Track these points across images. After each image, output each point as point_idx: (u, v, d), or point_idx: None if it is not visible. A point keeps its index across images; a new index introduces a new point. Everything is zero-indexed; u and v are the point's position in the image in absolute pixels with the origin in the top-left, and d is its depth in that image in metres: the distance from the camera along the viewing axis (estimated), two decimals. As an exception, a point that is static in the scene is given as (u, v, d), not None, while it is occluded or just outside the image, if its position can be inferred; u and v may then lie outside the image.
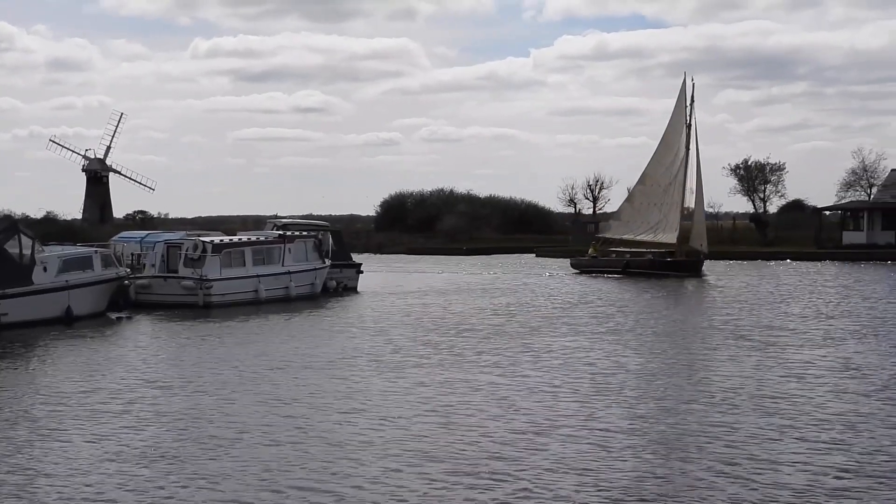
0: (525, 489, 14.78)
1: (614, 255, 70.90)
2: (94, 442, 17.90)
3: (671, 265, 66.64)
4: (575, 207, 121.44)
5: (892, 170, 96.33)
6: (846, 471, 15.60)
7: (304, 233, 52.37)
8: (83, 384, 23.99)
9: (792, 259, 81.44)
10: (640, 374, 24.93)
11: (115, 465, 16.24)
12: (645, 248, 70.75)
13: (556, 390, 22.65)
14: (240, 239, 49.30)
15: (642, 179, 72.61)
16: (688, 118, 70.40)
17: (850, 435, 17.95)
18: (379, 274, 66.46)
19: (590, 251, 73.75)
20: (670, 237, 69.83)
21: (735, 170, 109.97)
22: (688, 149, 69.91)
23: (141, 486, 15.12)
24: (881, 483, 14.98)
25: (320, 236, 52.57)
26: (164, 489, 14.95)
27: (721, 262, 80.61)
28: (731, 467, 15.81)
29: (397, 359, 27.90)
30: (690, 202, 70.08)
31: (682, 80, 71.34)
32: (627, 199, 74.93)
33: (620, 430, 18.46)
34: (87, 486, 15.15)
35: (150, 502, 14.35)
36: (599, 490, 14.70)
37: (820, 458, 16.38)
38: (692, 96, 70.53)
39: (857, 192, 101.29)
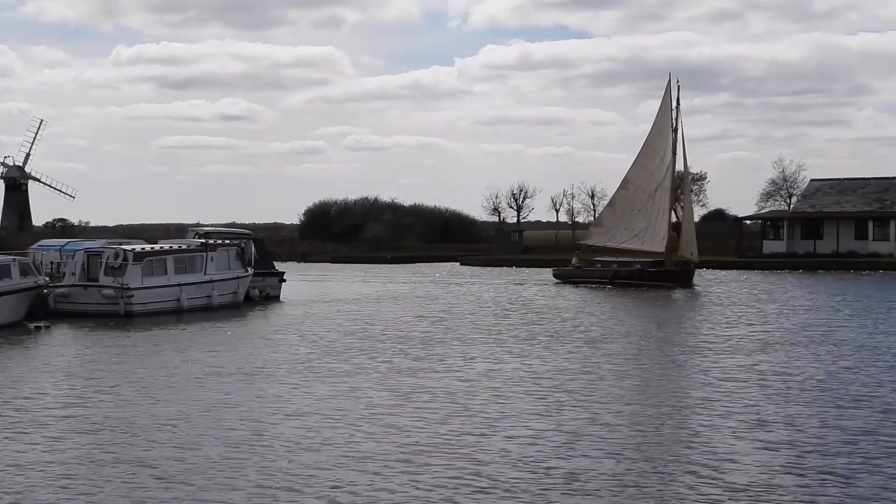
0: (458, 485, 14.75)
1: (600, 265, 68.14)
2: (9, 453, 17.55)
3: (661, 275, 63.94)
4: (499, 216, 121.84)
5: (812, 180, 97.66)
6: (782, 468, 15.74)
7: (227, 241, 51.96)
8: (-1, 395, 23.58)
9: (714, 268, 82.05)
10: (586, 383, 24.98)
11: (25, 478, 15.93)
12: (631, 258, 67.86)
13: (488, 397, 22.62)
14: (161, 247, 48.71)
15: (624, 184, 70.09)
16: (674, 122, 67.93)
17: (784, 435, 18.11)
18: (302, 283, 66.09)
19: (573, 260, 70.72)
20: (658, 245, 66.96)
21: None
22: (674, 153, 67.53)
23: (60, 496, 14.84)
24: (816, 480, 15.11)
25: (243, 244, 52.22)
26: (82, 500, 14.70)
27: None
28: (673, 465, 15.89)
29: (316, 367, 27.70)
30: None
31: (665, 83, 69.02)
32: (609, 205, 72.33)
33: (547, 434, 18.45)
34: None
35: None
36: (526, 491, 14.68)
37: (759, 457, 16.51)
38: (678, 99, 68.40)
39: (778, 202, 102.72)
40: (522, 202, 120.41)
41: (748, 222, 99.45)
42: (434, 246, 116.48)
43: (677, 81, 69.08)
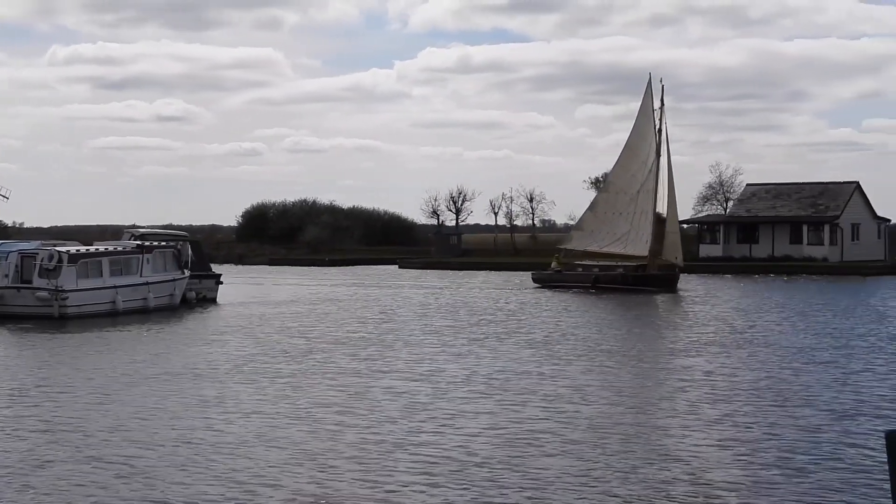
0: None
1: (581, 269, 66.25)
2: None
3: (645, 279, 62.88)
4: (438, 219, 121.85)
5: (748, 184, 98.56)
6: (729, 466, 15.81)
7: (163, 243, 51.52)
8: (-71, 398, 23.18)
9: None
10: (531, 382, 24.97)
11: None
12: (614, 262, 66.33)
13: (425, 398, 22.57)
14: (96, 249, 48.17)
15: (606, 187, 68.95)
16: (658, 122, 66.69)
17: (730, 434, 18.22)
18: (239, 285, 65.71)
19: (552, 264, 68.75)
20: (641, 249, 65.57)
21: (595, 183, 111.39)
22: (658, 155, 66.15)
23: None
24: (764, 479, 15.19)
25: (179, 246, 51.78)
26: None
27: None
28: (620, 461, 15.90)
29: (253, 369, 27.52)
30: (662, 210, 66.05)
31: (646, 83, 68.02)
32: (590, 208, 70.26)
33: (479, 433, 18.42)
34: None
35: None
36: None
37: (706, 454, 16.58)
38: (662, 100, 67.30)
39: (714, 206, 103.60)
40: (461, 205, 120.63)
41: (685, 226, 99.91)
42: (373, 249, 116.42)
43: (661, 81, 68.17)
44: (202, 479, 15.84)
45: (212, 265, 59.76)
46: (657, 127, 66.37)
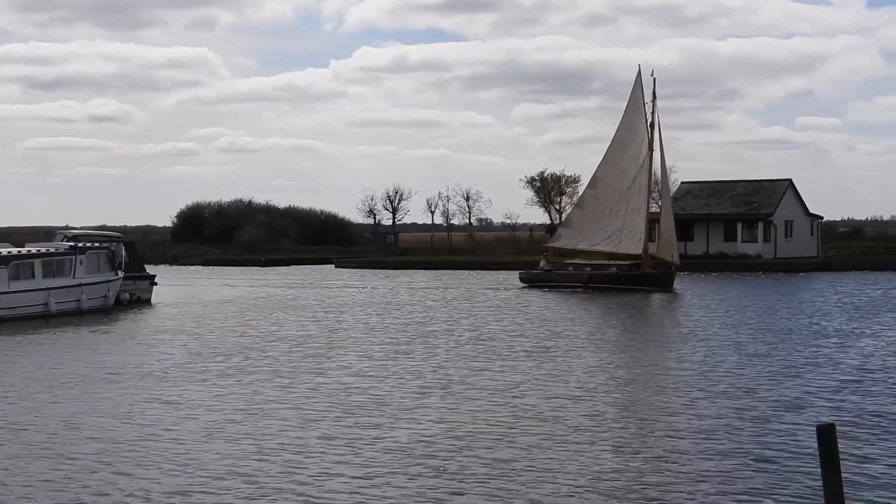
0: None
1: (571, 268, 64.13)
2: None
3: (640, 278, 60.72)
4: (374, 218, 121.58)
5: (682, 182, 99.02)
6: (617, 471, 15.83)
7: (97, 244, 50.90)
8: None
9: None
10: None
11: None
12: (606, 260, 64.10)
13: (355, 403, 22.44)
14: (29, 251, 47.50)
15: (593, 183, 66.21)
16: (649, 116, 64.01)
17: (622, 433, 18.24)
18: (174, 286, 65.17)
19: (541, 263, 67.06)
20: (635, 247, 63.07)
21: (531, 182, 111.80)
22: (651, 150, 63.54)
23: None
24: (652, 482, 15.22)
25: (113, 247, 51.23)
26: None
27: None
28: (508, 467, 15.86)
29: (185, 370, 27.27)
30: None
31: (635, 76, 65.49)
32: (577, 206, 68.18)
33: (428, 431, 18.34)
34: None
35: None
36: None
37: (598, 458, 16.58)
38: (654, 93, 64.46)
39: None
40: (398, 204, 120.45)
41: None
42: (309, 248, 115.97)
43: (651, 73, 65.62)
44: (137, 479, 15.63)
45: (146, 266, 59.25)
46: (649, 121, 63.96)
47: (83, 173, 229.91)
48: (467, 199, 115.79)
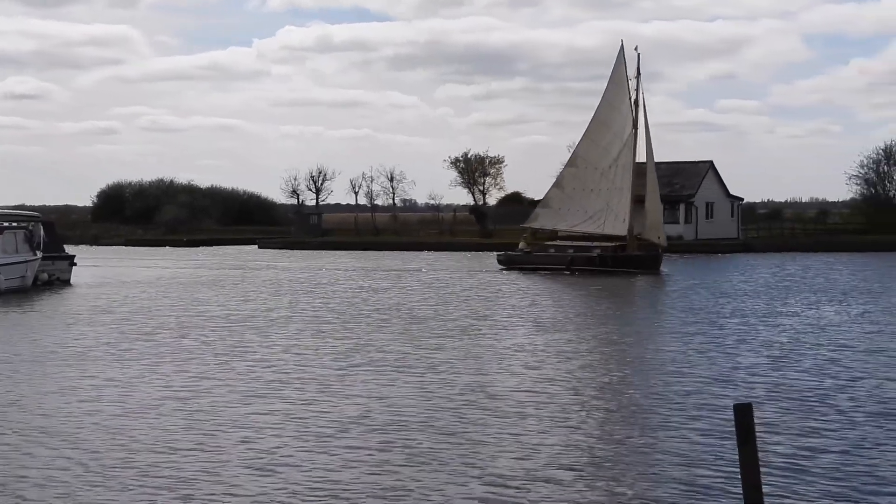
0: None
1: (553, 250, 62.08)
2: None
3: (626, 260, 58.57)
4: (298, 199, 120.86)
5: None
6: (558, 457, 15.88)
7: (14, 223, 50.06)
8: None
9: (512, 250, 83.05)
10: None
11: None
12: (589, 242, 62.01)
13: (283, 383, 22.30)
14: (-57, 230, 46.67)
15: (572, 161, 63.68)
16: (633, 93, 61.62)
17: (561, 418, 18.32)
18: (94, 266, 64.41)
19: (520, 244, 64.14)
20: (620, 228, 60.74)
21: (455, 162, 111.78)
22: (636, 127, 61.15)
23: None
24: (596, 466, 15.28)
25: (31, 227, 50.43)
26: None
27: (445, 252, 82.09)
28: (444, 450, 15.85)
29: (104, 351, 26.90)
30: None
31: (618, 51, 62.69)
32: (556, 185, 64.83)
33: (323, 423, 18.25)
34: None
35: None
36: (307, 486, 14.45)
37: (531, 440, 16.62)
38: (637, 68, 62.17)
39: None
40: (322, 184, 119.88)
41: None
42: (232, 229, 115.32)
43: (635, 48, 63.65)
44: (55, 466, 15.41)
45: (66, 246, 58.44)
46: (633, 98, 61.64)
47: (1, 152, 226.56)
48: (391, 179, 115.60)
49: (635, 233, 60.78)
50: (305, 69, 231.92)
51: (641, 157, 61.22)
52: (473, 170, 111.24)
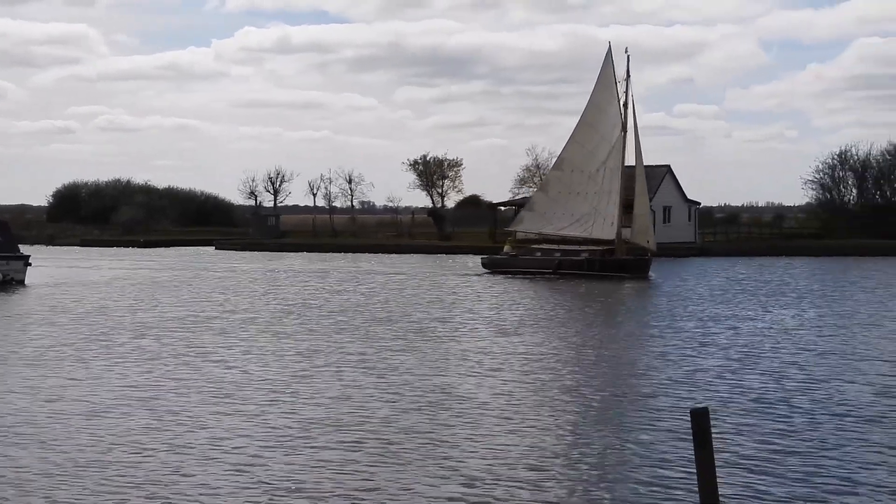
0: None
1: (539, 254, 61.03)
2: None
3: (614, 265, 57.79)
4: (256, 200, 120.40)
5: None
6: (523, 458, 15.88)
7: (-31, 223, 49.59)
8: None
9: (469, 253, 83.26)
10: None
11: None
12: (577, 246, 60.54)
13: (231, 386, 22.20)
14: None
15: (558, 164, 62.82)
16: (621, 95, 60.64)
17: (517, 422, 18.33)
18: (49, 267, 63.91)
19: (505, 248, 63.58)
20: (608, 232, 59.79)
21: (414, 165, 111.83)
22: (624, 130, 60.28)
23: None
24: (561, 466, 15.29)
25: (-14, 226, 49.99)
26: None
27: (400, 255, 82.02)
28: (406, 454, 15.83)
29: (58, 353, 26.68)
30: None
31: (605, 53, 61.83)
32: (541, 188, 64.64)
33: (275, 426, 18.19)
34: None
35: None
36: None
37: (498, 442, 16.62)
38: (627, 70, 61.22)
39: (531, 188, 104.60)
40: (280, 186, 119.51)
41: (503, 208, 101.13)
42: (189, 230, 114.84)
43: (626, 51, 62.87)
44: (29, 467, 15.29)
45: (20, 246, 57.89)
46: (622, 100, 60.71)
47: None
48: (350, 181, 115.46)
49: (623, 237, 60.17)
50: (264, 70, 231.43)
51: (630, 160, 60.70)
52: (432, 172, 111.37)
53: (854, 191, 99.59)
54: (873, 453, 16.07)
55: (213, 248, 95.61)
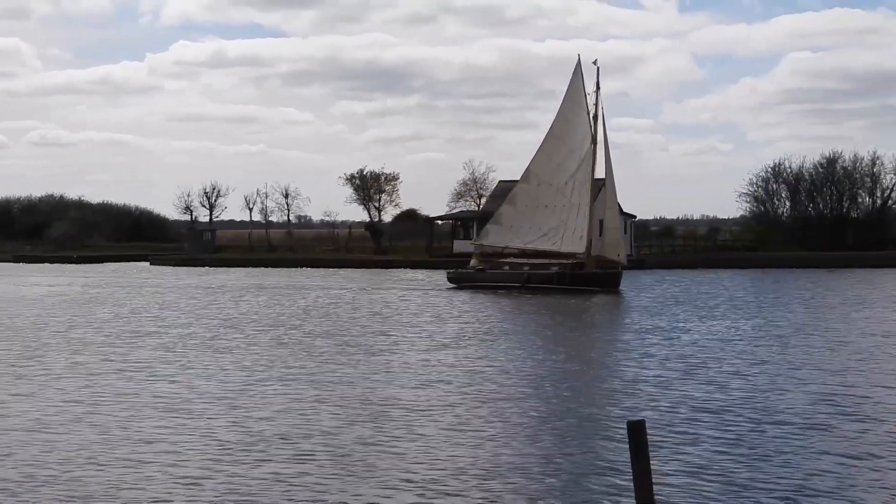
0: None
1: (507, 267, 59.69)
2: None
3: (585, 278, 56.89)
4: (191, 215, 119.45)
5: (500, 181, 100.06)
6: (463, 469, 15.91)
7: None
8: None
9: (406, 267, 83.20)
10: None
11: None
12: (546, 259, 59.24)
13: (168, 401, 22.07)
14: None
15: (525, 177, 61.32)
16: (591, 108, 59.72)
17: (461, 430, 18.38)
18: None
19: (472, 262, 62.21)
20: (577, 246, 58.85)
21: (351, 179, 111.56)
22: (594, 143, 59.25)
23: None
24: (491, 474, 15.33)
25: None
26: None
27: (342, 270, 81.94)
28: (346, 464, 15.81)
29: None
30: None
31: (574, 65, 61.00)
32: (508, 201, 62.49)
33: (209, 434, 18.12)
34: None
35: None
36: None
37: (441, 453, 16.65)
38: (597, 83, 60.35)
39: (468, 203, 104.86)
40: (215, 201, 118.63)
41: (439, 222, 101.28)
42: (123, 245, 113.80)
43: (595, 63, 61.05)
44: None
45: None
46: (592, 113, 59.79)
47: None
48: (286, 196, 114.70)
49: (594, 251, 59.44)
50: (199, 84, 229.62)
51: (600, 172, 60.07)
52: (369, 186, 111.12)
53: (787, 203, 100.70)
54: (816, 460, 16.29)
55: (149, 263, 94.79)
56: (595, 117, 59.66)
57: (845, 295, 51.19)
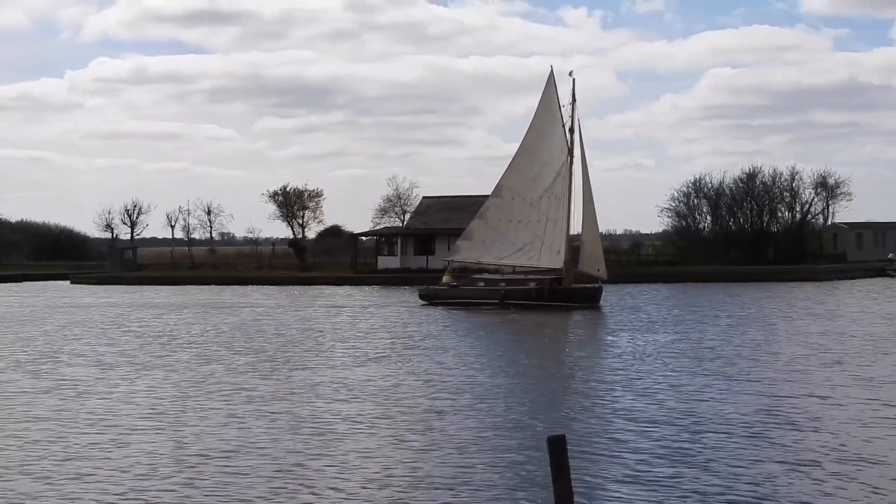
0: None
1: (483, 284, 58.16)
2: None
3: (565, 294, 55.56)
4: (112, 233, 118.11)
5: (424, 197, 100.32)
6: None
7: None
8: None
9: (330, 284, 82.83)
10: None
11: None
12: (523, 275, 58.19)
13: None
14: None
15: (497, 192, 59.79)
16: (566, 120, 58.41)
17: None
18: None
19: (444, 278, 60.45)
20: (554, 261, 57.32)
21: (274, 196, 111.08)
22: (571, 155, 57.86)
23: None
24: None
25: None
26: None
27: (264, 287, 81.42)
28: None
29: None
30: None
31: (547, 76, 59.70)
32: (479, 216, 60.77)
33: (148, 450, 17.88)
34: None
35: None
36: None
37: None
38: (573, 94, 58.87)
39: (392, 219, 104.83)
40: (137, 218, 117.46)
41: (364, 238, 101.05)
42: (43, 264, 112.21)
43: (570, 74, 60.03)
44: None
45: None
46: (567, 125, 58.45)
47: None
48: (209, 213, 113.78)
49: (571, 266, 57.88)
50: (120, 101, 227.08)
51: (577, 185, 58.18)
52: (292, 203, 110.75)
53: (709, 218, 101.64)
54: (756, 470, 16.36)
55: (69, 282, 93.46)
56: (571, 129, 58.49)
57: (767, 308, 51.75)
